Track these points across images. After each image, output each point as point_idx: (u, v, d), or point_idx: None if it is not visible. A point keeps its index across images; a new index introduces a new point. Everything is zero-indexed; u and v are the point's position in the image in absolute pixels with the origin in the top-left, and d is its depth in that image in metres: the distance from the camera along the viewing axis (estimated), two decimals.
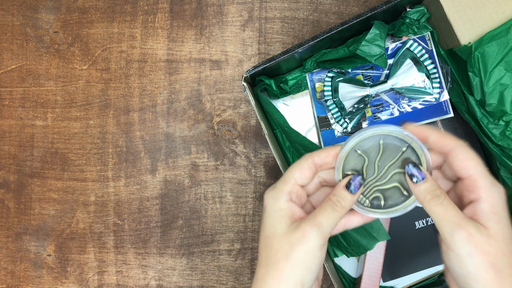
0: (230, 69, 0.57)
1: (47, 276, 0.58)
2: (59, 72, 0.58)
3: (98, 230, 0.57)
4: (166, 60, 0.57)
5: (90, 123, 0.58)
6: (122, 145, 0.57)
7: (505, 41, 0.42)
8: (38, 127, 0.58)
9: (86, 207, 0.58)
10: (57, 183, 0.58)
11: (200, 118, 0.57)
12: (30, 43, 0.59)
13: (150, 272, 0.57)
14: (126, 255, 0.57)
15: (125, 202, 0.57)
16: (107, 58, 0.58)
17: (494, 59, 0.43)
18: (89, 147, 0.58)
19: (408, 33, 0.49)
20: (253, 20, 0.57)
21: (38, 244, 0.58)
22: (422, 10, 0.48)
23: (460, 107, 0.47)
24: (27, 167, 0.58)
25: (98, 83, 0.58)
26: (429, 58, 0.48)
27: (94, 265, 0.57)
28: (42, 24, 0.58)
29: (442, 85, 0.48)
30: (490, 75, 0.43)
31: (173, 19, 0.57)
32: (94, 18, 0.58)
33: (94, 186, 0.58)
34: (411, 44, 0.49)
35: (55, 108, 0.58)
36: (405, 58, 0.49)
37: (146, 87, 0.57)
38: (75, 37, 0.58)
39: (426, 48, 0.49)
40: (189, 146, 0.57)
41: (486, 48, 0.43)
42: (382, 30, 0.46)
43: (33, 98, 0.58)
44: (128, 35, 0.58)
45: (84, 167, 0.58)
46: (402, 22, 0.49)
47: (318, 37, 0.45)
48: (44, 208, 0.58)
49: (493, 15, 0.43)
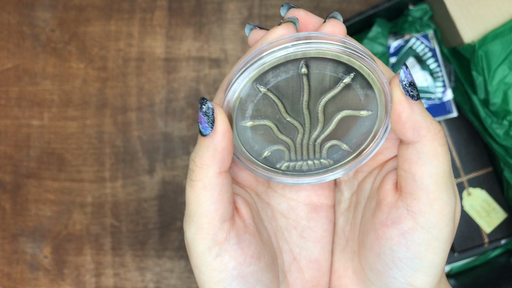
0: (229, 68, 0.56)
1: (44, 278, 0.57)
2: (56, 71, 0.58)
3: (95, 231, 0.57)
4: (164, 58, 0.57)
5: (87, 123, 0.57)
6: (119, 145, 0.57)
7: (509, 39, 0.42)
8: (34, 127, 0.58)
9: (83, 208, 0.57)
10: (53, 183, 0.57)
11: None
12: (27, 42, 0.58)
13: (148, 274, 0.56)
14: (124, 257, 0.56)
15: (123, 203, 0.57)
16: (104, 57, 0.57)
17: (498, 57, 0.42)
18: (86, 147, 0.57)
19: (411, 31, 0.49)
20: (253, 17, 0.56)
21: (34, 245, 0.57)
22: (425, 8, 0.47)
23: (464, 106, 0.47)
24: (23, 168, 0.58)
25: (95, 82, 0.57)
26: (432, 56, 0.48)
27: (91, 267, 0.57)
28: (38, 23, 0.58)
29: (445, 84, 0.48)
30: (494, 74, 0.42)
31: (171, 17, 0.57)
32: (91, 16, 0.57)
33: (91, 186, 0.57)
34: (413, 43, 0.48)
35: (52, 108, 0.57)
36: (408, 57, 0.48)
37: (144, 86, 0.57)
38: (72, 36, 0.57)
39: (429, 47, 0.48)
40: (188, 146, 0.56)
41: (490, 46, 0.42)
42: (385, 28, 0.46)
43: (29, 97, 0.58)
44: (125, 33, 0.57)
45: (81, 168, 0.57)
46: (404, 20, 0.49)
47: None
48: (41, 209, 0.57)
49: (496, 13, 0.43)
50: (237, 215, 0.23)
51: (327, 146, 0.23)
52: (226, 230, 0.21)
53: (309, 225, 0.25)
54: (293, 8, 0.23)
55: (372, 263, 0.23)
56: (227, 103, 0.21)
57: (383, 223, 0.22)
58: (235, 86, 0.20)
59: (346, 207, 0.26)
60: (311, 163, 0.23)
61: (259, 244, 0.23)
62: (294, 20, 0.21)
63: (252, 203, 0.24)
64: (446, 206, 0.21)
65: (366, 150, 0.23)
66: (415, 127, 0.21)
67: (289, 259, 0.25)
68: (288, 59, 0.20)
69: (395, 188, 0.23)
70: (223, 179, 0.21)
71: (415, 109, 0.21)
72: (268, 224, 0.25)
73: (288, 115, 0.22)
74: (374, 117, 0.22)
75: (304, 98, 0.21)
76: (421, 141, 0.21)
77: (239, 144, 0.22)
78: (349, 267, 0.25)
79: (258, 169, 0.23)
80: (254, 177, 0.25)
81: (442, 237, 0.22)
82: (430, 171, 0.21)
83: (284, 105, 0.21)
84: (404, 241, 0.22)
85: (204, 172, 0.21)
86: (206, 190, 0.21)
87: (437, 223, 0.21)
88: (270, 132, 0.22)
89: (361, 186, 0.25)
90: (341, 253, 0.26)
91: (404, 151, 0.22)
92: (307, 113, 0.22)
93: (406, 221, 0.22)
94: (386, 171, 0.24)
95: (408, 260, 0.22)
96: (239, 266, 0.22)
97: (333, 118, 0.22)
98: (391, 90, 0.21)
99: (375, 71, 0.20)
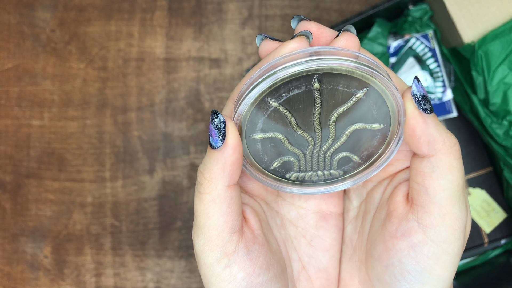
0: (229, 68, 0.56)
1: (44, 278, 0.57)
2: (56, 71, 0.58)
3: (95, 231, 0.57)
4: (164, 58, 0.57)
5: (87, 123, 0.57)
6: (119, 145, 0.57)
7: (508, 39, 0.42)
8: (35, 127, 0.58)
9: (83, 208, 0.57)
10: (53, 183, 0.57)
11: (199, 117, 0.56)
12: (27, 42, 0.58)
13: (148, 274, 0.56)
14: (124, 257, 0.56)
15: (123, 203, 0.57)
16: (105, 57, 0.57)
17: (497, 57, 0.42)
18: (86, 147, 0.57)
19: (411, 32, 0.49)
20: (253, 17, 0.56)
21: (34, 245, 0.57)
22: (425, 8, 0.47)
23: (463, 106, 0.47)
24: (24, 168, 0.58)
25: (95, 82, 0.57)
26: (432, 56, 0.48)
27: (92, 267, 0.57)
28: (38, 23, 0.58)
29: (445, 84, 0.48)
30: (494, 74, 0.42)
31: (171, 17, 0.57)
32: (91, 16, 0.57)
33: (91, 186, 0.57)
34: (413, 43, 0.48)
35: (52, 108, 0.57)
36: (408, 57, 0.48)
37: (144, 86, 0.57)
38: (72, 36, 0.57)
39: (429, 47, 0.48)
40: (188, 146, 0.56)
41: (490, 46, 0.42)
42: (384, 28, 0.46)
43: (29, 97, 0.58)
44: (125, 33, 0.57)
45: (81, 168, 0.57)
46: (404, 20, 0.49)
47: None
48: (41, 209, 0.57)
49: (496, 13, 0.43)
50: (246, 225, 0.23)
51: (338, 158, 0.23)
52: (235, 242, 0.21)
53: (318, 233, 0.25)
54: (304, 20, 0.22)
55: (380, 274, 0.23)
56: (238, 115, 0.21)
57: (392, 235, 0.22)
58: (247, 100, 0.20)
59: (354, 215, 0.26)
60: (321, 173, 0.23)
61: (268, 254, 0.23)
62: (308, 34, 0.21)
63: (261, 213, 0.24)
64: (457, 220, 0.21)
65: (377, 162, 0.23)
66: (429, 141, 0.21)
67: (298, 268, 0.25)
68: (301, 75, 0.20)
69: (406, 200, 0.23)
70: (232, 192, 0.21)
71: (429, 123, 0.21)
72: (278, 232, 0.25)
73: (299, 128, 0.21)
74: (386, 130, 0.22)
75: (316, 112, 0.21)
76: (436, 155, 0.21)
77: (248, 155, 0.22)
78: (355, 276, 0.25)
79: (267, 179, 0.23)
80: (263, 186, 0.25)
81: (452, 251, 0.21)
82: (444, 185, 0.21)
83: (295, 118, 0.21)
84: (413, 254, 0.21)
85: (213, 185, 0.21)
86: (215, 203, 0.21)
87: (448, 237, 0.21)
88: (281, 144, 0.22)
89: (371, 195, 0.25)
90: (347, 262, 0.26)
91: (417, 164, 0.22)
92: (318, 127, 0.22)
93: (416, 234, 0.21)
94: (397, 182, 0.24)
95: (416, 273, 0.22)
96: (248, 277, 0.22)
97: (345, 131, 0.22)
98: (404, 104, 0.21)
99: (388, 86, 0.20)
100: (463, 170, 0.21)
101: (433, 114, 0.21)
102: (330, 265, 0.25)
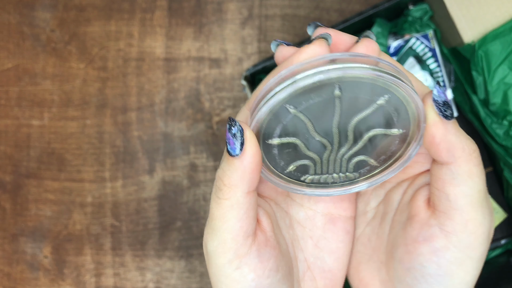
0: (229, 68, 0.56)
1: (44, 278, 0.57)
2: (56, 71, 0.58)
3: (95, 231, 0.57)
4: (164, 58, 0.57)
5: (87, 123, 0.57)
6: (119, 145, 0.57)
7: (509, 39, 0.42)
8: (35, 127, 0.58)
9: (83, 208, 0.57)
10: (53, 183, 0.57)
11: (199, 117, 0.56)
12: (27, 42, 0.58)
13: (148, 274, 0.56)
14: (124, 257, 0.56)
15: (123, 203, 0.57)
16: (104, 57, 0.57)
17: (497, 57, 0.42)
18: (86, 147, 0.57)
19: (411, 31, 0.49)
20: (253, 17, 0.56)
21: (34, 245, 0.57)
22: (425, 8, 0.47)
23: (464, 106, 0.47)
24: (23, 168, 0.58)
25: (95, 82, 0.57)
26: (432, 56, 0.48)
27: (91, 267, 0.57)
28: (38, 23, 0.58)
29: (445, 84, 0.48)
30: (494, 74, 0.42)
31: (171, 17, 0.57)
32: (91, 16, 0.57)
33: (91, 186, 0.57)
34: (413, 43, 0.48)
35: (52, 108, 0.57)
36: (408, 57, 0.48)
37: (144, 86, 0.57)
38: (72, 36, 0.57)
39: (429, 47, 0.48)
40: (188, 146, 0.56)
41: (490, 46, 0.42)
42: (385, 28, 0.46)
43: (29, 97, 0.58)
44: (125, 33, 0.57)
45: (81, 168, 0.57)
46: (404, 20, 0.49)
47: None
48: (41, 209, 0.57)
49: (496, 13, 0.43)
50: (259, 228, 0.23)
51: (354, 161, 0.23)
52: (248, 245, 0.21)
53: (324, 235, 0.25)
54: (320, 27, 0.22)
55: (401, 276, 0.23)
56: (256, 122, 0.20)
57: (414, 239, 0.22)
58: (265, 108, 0.20)
59: (372, 216, 0.25)
60: (337, 176, 0.23)
61: (279, 256, 0.23)
62: (327, 36, 0.21)
63: (272, 214, 0.24)
64: (480, 226, 0.21)
65: (393, 165, 0.23)
66: (449, 148, 0.20)
67: (304, 268, 0.25)
68: (322, 83, 0.19)
69: (427, 205, 0.22)
70: (251, 198, 0.21)
71: (449, 130, 0.20)
72: (286, 233, 0.25)
73: (317, 134, 0.21)
74: (406, 135, 0.22)
75: (335, 119, 0.21)
76: (456, 162, 0.21)
77: (264, 160, 0.22)
78: (375, 276, 0.25)
79: (282, 182, 0.23)
80: (274, 187, 0.25)
81: (475, 256, 0.21)
82: (465, 192, 0.21)
83: (314, 124, 0.21)
84: (435, 259, 0.21)
85: (232, 192, 0.21)
86: (233, 209, 0.21)
87: (471, 243, 0.21)
88: (297, 148, 0.22)
89: (389, 196, 0.25)
90: (367, 262, 0.25)
91: (437, 171, 0.21)
92: (336, 132, 0.21)
93: (439, 239, 0.21)
94: (417, 186, 0.23)
95: (438, 277, 0.21)
96: (258, 278, 0.22)
97: (363, 136, 0.21)
98: (425, 110, 0.20)
99: (409, 92, 0.20)
100: (484, 176, 0.21)
101: (453, 120, 0.21)
102: (335, 266, 0.25)
